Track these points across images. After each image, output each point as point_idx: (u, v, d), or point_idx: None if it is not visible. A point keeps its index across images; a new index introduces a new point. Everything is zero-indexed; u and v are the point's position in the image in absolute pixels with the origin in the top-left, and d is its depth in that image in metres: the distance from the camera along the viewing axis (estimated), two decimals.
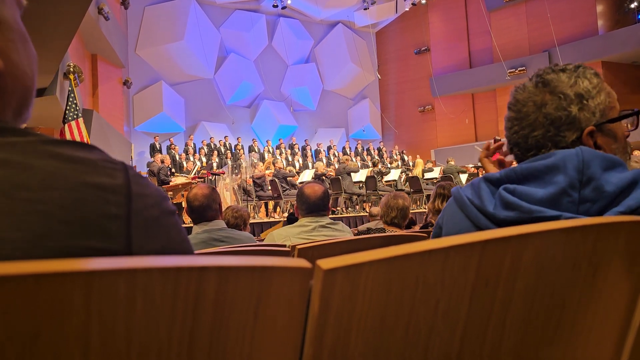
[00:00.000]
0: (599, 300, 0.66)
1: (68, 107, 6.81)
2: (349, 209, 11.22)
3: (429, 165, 13.18)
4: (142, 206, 0.53)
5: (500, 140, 1.21)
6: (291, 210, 9.30)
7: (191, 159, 12.45)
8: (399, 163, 15.26)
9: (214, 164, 12.63)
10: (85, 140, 7.17)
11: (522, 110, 1.00)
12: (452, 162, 12.42)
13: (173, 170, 10.97)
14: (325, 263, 0.47)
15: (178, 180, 9.46)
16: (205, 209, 2.40)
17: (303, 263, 0.47)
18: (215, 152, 13.52)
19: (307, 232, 2.41)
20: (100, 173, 0.51)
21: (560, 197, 0.86)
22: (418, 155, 14.95)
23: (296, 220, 2.54)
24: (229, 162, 12.65)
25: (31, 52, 0.59)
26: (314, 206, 2.44)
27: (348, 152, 16.18)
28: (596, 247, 0.63)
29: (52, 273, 0.36)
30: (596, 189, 0.85)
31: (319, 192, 2.45)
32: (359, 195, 10.97)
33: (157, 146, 13.30)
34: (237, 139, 14.97)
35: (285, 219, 7.93)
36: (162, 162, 9.74)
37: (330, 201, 2.66)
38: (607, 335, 0.69)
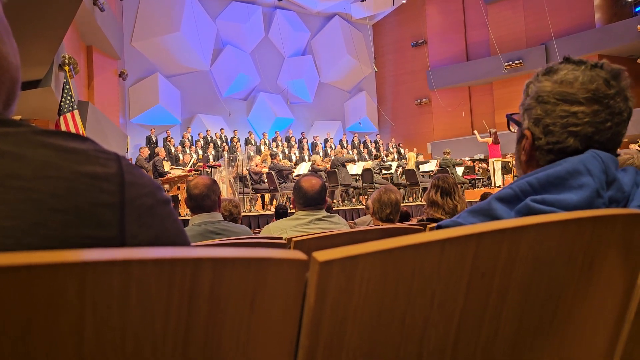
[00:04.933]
0: (594, 292, 0.66)
1: (63, 99, 6.77)
2: (345, 201, 11.23)
3: (421, 158, 13.18)
4: (135, 195, 0.53)
5: (494, 131, 1.20)
6: (281, 203, 9.30)
7: (187, 151, 12.41)
8: (395, 156, 15.27)
9: (210, 157, 12.61)
10: (81, 133, 7.16)
11: (611, 104, 0.88)
12: (448, 155, 12.40)
13: (167, 161, 10.93)
14: (321, 255, 0.46)
15: (174, 172, 9.44)
16: (204, 198, 2.41)
17: (299, 255, 0.47)
18: (212, 145, 13.49)
19: (303, 224, 2.41)
20: (93, 162, 0.51)
21: (595, 200, 0.82)
22: (415, 149, 14.95)
23: (285, 213, 2.54)
24: (226, 154, 12.62)
25: (13, 43, 0.59)
26: (311, 200, 2.45)
27: (345, 145, 16.17)
28: (592, 240, 0.63)
29: (46, 264, 0.35)
30: (619, 189, 0.84)
31: (316, 187, 2.45)
32: (355, 187, 10.98)
33: (154, 138, 13.26)
34: (234, 131, 14.96)
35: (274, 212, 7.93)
36: (157, 154, 9.70)
37: (327, 193, 2.66)
38: (602, 327, 0.69)
